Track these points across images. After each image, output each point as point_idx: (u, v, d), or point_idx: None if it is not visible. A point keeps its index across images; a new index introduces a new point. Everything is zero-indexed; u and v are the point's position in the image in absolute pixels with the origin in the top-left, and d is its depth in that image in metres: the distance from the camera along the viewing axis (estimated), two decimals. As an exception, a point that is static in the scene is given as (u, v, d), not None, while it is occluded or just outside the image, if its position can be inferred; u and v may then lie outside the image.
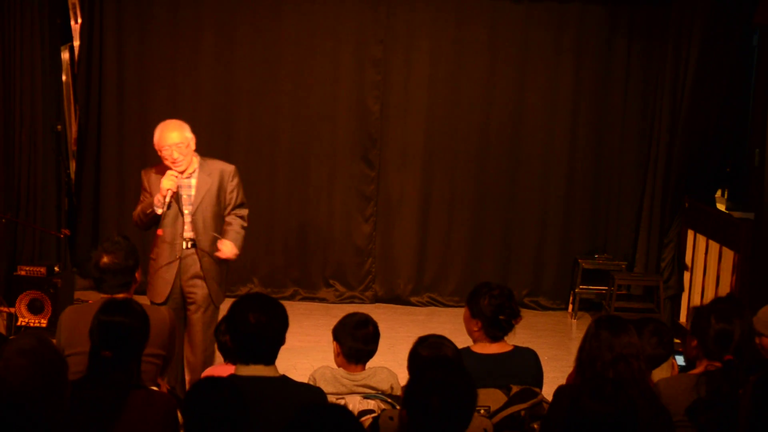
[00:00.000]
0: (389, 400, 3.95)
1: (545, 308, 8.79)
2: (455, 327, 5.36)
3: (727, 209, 7.85)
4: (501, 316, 4.16)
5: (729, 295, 4.98)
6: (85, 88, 8.59)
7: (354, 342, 4.11)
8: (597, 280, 8.58)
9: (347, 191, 8.77)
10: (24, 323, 7.15)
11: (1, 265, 7.56)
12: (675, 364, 4.26)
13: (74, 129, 8.63)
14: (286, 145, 8.72)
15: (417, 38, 8.60)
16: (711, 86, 8.08)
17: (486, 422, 3.25)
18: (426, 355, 3.85)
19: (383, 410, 3.74)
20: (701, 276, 7.96)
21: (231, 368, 3.61)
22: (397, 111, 8.69)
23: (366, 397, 3.97)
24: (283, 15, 8.56)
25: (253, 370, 3.37)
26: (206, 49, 8.58)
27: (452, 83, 8.66)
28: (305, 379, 3.91)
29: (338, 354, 4.17)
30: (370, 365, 4.18)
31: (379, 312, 8.14)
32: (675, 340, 8.47)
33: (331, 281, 8.83)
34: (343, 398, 3.94)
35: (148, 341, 3.62)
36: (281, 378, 3.42)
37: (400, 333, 7.64)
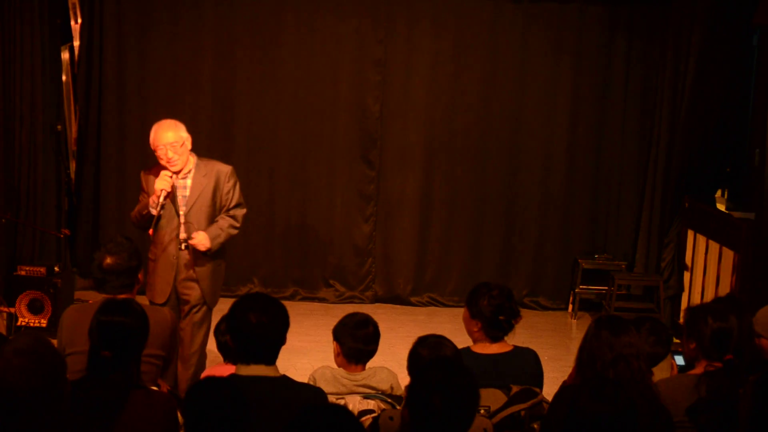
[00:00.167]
0: (389, 400, 3.96)
1: (545, 308, 8.79)
2: (455, 327, 5.35)
3: (727, 209, 7.85)
4: (501, 317, 4.16)
5: (729, 295, 4.98)
6: (85, 88, 8.59)
7: (354, 342, 4.12)
8: (597, 280, 8.58)
9: (347, 191, 8.77)
10: (24, 323, 7.15)
11: (1, 265, 7.57)
12: (674, 364, 4.25)
13: (74, 129, 8.63)
14: (286, 145, 8.72)
15: (417, 38, 8.60)
16: (711, 86, 8.08)
17: (486, 422, 3.25)
18: (426, 355, 3.85)
19: (383, 410, 3.74)
20: (701, 276, 7.96)
21: (231, 368, 3.60)
22: (397, 111, 8.70)
23: (366, 397, 3.97)
24: (283, 15, 8.56)
25: (254, 370, 3.37)
26: (206, 49, 8.58)
27: (452, 83, 8.66)
28: (305, 379, 3.92)
29: (338, 354, 4.17)
30: (370, 365, 4.18)
31: (379, 312, 8.14)
32: (675, 340, 8.48)
33: (331, 281, 8.83)
34: (343, 398, 3.94)
35: (149, 342, 3.63)
36: (282, 378, 3.42)
37: (400, 333, 7.64)
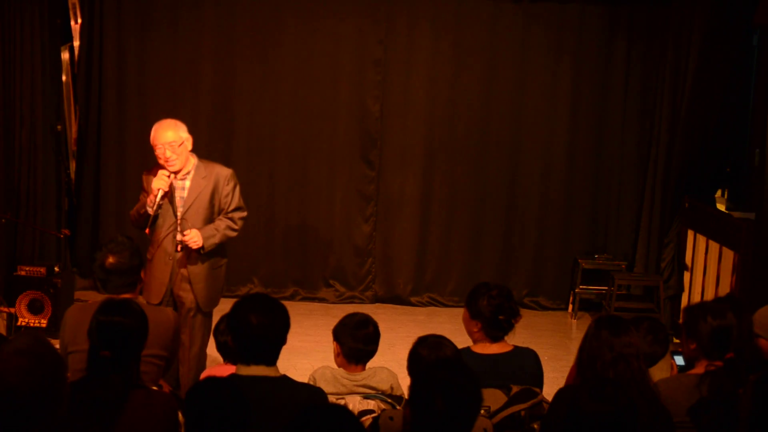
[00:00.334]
0: (389, 400, 3.96)
1: (545, 308, 8.79)
2: (455, 327, 5.36)
3: (727, 209, 7.85)
4: (500, 316, 4.16)
5: (729, 295, 4.98)
6: (85, 88, 8.59)
7: (354, 342, 4.12)
8: (597, 280, 8.58)
9: (347, 191, 8.77)
10: (24, 323, 7.15)
11: (1, 265, 7.57)
12: (674, 365, 4.25)
13: (74, 129, 8.63)
14: (286, 145, 8.72)
15: (417, 38, 8.61)
16: (711, 86, 8.08)
17: (486, 422, 3.25)
18: (426, 355, 3.85)
19: (383, 410, 3.74)
20: (701, 276, 7.96)
21: (231, 368, 3.61)
22: (397, 111, 8.70)
23: (366, 397, 3.97)
24: (283, 15, 8.56)
25: (254, 371, 3.37)
26: (206, 49, 8.58)
27: (452, 83, 8.66)
28: (305, 380, 3.92)
29: (338, 354, 4.17)
30: (370, 365, 4.18)
31: (379, 312, 8.14)
32: (675, 340, 8.49)
33: (331, 281, 8.83)
34: (343, 398, 3.94)
35: (151, 342, 3.62)
36: (282, 378, 3.42)
37: (400, 333, 7.64)
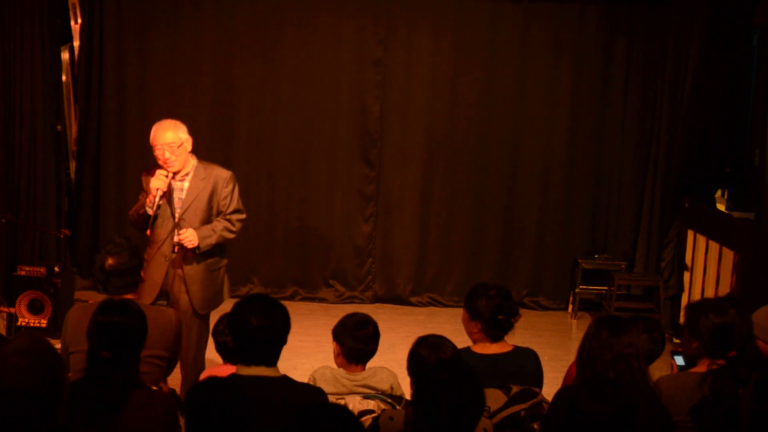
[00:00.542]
0: (389, 400, 3.95)
1: (545, 308, 8.79)
2: (455, 327, 5.35)
3: (727, 209, 7.85)
4: (500, 316, 4.16)
5: (729, 295, 4.98)
6: (85, 88, 8.59)
7: (354, 342, 4.11)
8: (597, 280, 8.58)
9: (347, 191, 8.77)
10: (24, 323, 7.15)
11: (1, 265, 7.57)
12: (674, 365, 4.25)
13: (74, 129, 8.63)
14: (286, 146, 8.72)
15: (417, 38, 8.60)
16: (711, 86, 8.08)
17: (486, 422, 3.24)
18: (426, 355, 3.85)
19: (383, 410, 3.74)
20: (701, 276, 7.96)
21: (231, 368, 3.60)
22: (397, 111, 8.70)
23: (366, 397, 3.96)
24: (283, 15, 8.56)
25: (255, 371, 3.37)
26: (206, 49, 8.58)
27: (452, 83, 8.66)
28: (305, 379, 3.92)
29: (338, 354, 4.17)
30: (370, 365, 4.18)
31: (379, 312, 8.14)
32: (675, 340, 8.49)
33: (331, 281, 8.83)
34: (343, 398, 3.94)
35: (152, 342, 3.62)
36: (282, 378, 3.42)
37: (400, 333, 7.64)
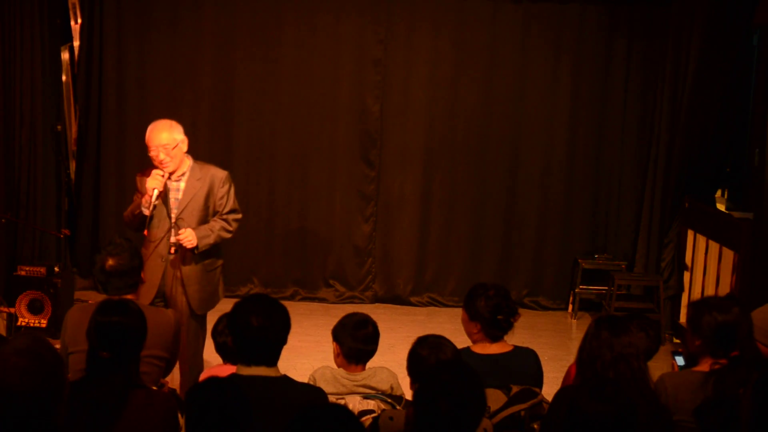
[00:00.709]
0: (389, 400, 3.95)
1: (545, 308, 8.79)
2: (455, 327, 5.35)
3: (727, 209, 7.85)
4: (499, 316, 4.16)
5: (729, 295, 4.98)
6: (85, 88, 8.60)
7: (354, 342, 4.11)
8: (597, 280, 8.57)
9: (347, 191, 8.77)
10: (24, 323, 7.15)
11: (1, 265, 7.56)
12: (675, 365, 4.25)
13: (74, 129, 8.63)
14: (286, 145, 8.72)
15: (417, 38, 8.60)
16: (711, 86, 8.07)
17: (486, 422, 3.24)
18: (426, 355, 3.85)
19: (383, 410, 3.74)
20: (701, 276, 7.96)
21: (231, 368, 3.60)
22: (397, 111, 8.70)
23: (366, 397, 3.96)
24: (283, 15, 8.56)
25: (255, 371, 3.37)
26: (206, 49, 8.58)
27: (452, 83, 8.66)
28: (305, 379, 3.92)
29: (338, 354, 4.17)
30: (370, 365, 4.18)
31: (379, 312, 8.15)
32: (675, 340, 8.49)
33: (331, 281, 8.83)
34: (343, 398, 3.94)
35: (151, 342, 3.62)
36: (282, 378, 3.42)
37: (400, 333, 7.64)
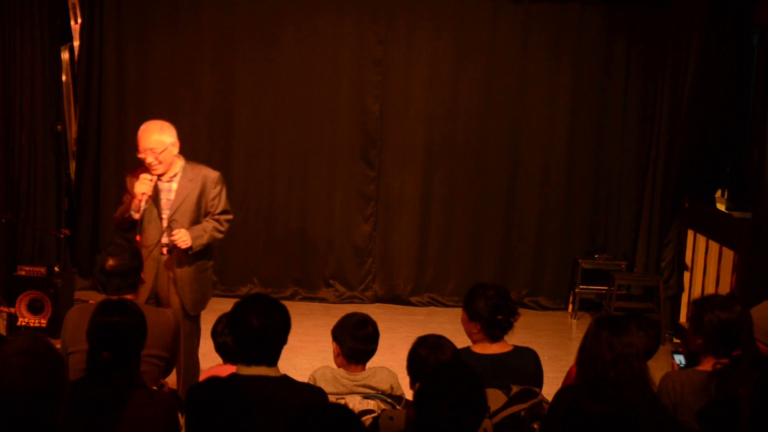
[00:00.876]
0: (389, 400, 3.95)
1: (545, 308, 8.79)
2: (455, 327, 5.35)
3: (727, 209, 7.85)
4: (499, 316, 4.16)
5: (729, 295, 4.98)
6: (85, 88, 8.60)
7: (354, 342, 4.11)
8: (597, 280, 8.58)
9: (347, 191, 8.77)
10: (24, 323, 7.15)
11: (1, 265, 7.56)
12: (675, 365, 4.25)
13: (74, 129, 8.64)
14: (286, 145, 8.72)
15: (417, 38, 8.60)
16: (711, 86, 8.08)
17: (486, 422, 3.25)
18: (425, 355, 3.85)
19: (383, 410, 3.74)
20: (701, 276, 7.96)
21: (231, 368, 3.60)
22: (397, 111, 8.70)
23: (366, 397, 3.96)
24: (283, 15, 8.56)
25: (255, 371, 3.37)
26: (206, 49, 8.59)
27: (452, 83, 8.66)
28: (305, 379, 3.92)
29: (338, 354, 4.16)
30: (370, 365, 4.18)
31: (379, 312, 8.15)
32: (675, 340, 8.48)
33: (331, 281, 8.83)
34: (343, 398, 3.94)
35: (151, 342, 3.62)
36: (283, 378, 3.42)
37: (400, 333, 7.64)
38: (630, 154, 8.70)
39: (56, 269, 7.40)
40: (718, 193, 8.39)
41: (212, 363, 4.83)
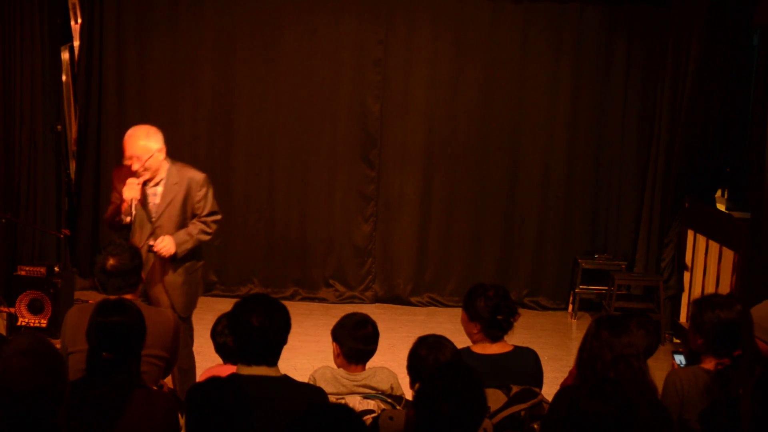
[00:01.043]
0: (389, 400, 3.96)
1: (545, 308, 8.79)
2: (455, 327, 5.36)
3: (727, 209, 7.86)
4: (499, 316, 4.16)
5: (729, 295, 4.98)
6: (85, 88, 8.60)
7: (354, 342, 4.11)
8: (597, 280, 8.57)
9: (347, 191, 8.77)
10: (24, 323, 7.15)
11: (1, 265, 7.57)
12: (675, 365, 4.25)
13: (74, 129, 8.64)
14: (286, 146, 8.72)
15: (417, 38, 8.60)
16: (711, 86, 8.08)
17: (486, 422, 3.25)
18: (425, 355, 3.85)
19: (383, 410, 3.74)
20: (701, 276, 7.96)
21: (231, 368, 3.60)
22: (397, 111, 8.70)
23: (366, 397, 3.97)
24: (283, 15, 8.56)
25: (255, 371, 3.37)
26: (206, 49, 8.58)
27: (452, 83, 8.66)
28: (305, 379, 3.92)
29: (338, 355, 4.16)
30: (370, 365, 4.18)
31: (379, 312, 8.15)
32: (675, 340, 8.48)
33: (331, 281, 8.83)
34: (343, 398, 3.94)
35: (151, 342, 3.62)
36: (283, 378, 3.42)
37: (400, 333, 7.64)
38: (630, 154, 8.70)
39: (56, 269, 7.40)
40: (718, 193, 8.39)
41: (212, 363, 4.83)
